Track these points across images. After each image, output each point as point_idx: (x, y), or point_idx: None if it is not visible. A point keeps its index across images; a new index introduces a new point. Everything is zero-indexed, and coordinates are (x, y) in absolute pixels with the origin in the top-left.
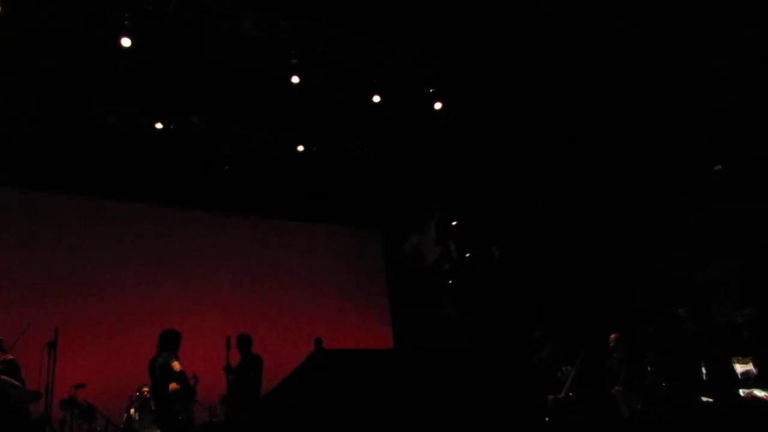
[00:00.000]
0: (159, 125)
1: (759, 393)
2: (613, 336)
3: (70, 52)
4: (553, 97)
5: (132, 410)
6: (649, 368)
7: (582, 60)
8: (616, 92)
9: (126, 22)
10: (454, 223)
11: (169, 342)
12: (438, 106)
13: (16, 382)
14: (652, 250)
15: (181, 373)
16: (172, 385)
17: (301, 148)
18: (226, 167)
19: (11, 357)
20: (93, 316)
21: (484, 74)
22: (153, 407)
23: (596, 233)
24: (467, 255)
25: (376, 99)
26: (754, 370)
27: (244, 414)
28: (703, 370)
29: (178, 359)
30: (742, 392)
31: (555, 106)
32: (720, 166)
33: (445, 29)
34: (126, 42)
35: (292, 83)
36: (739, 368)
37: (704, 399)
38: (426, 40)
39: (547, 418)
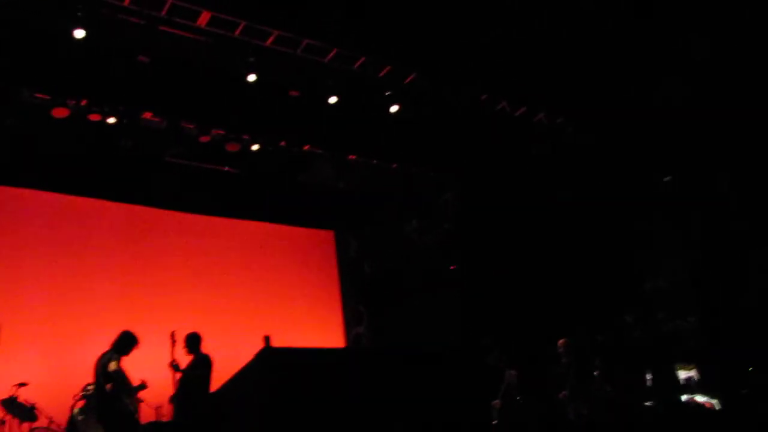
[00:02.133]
0: (112, 120)
1: (700, 398)
2: (561, 342)
3: (22, 42)
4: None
5: (76, 410)
6: (595, 374)
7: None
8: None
9: (79, 14)
10: None
11: (120, 344)
12: (394, 108)
13: None
14: (602, 258)
15: (116, 372)
16: (108, 386)
17: (256, 147)
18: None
19: None
20: (37, 312)
21: (440, 78)
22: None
23: (546, 241)
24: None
25: (333, 100)
26: (696, 377)
27: (191, 413)
28: (648, 377)
29: (117, 360)
30: (684, 398)
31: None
32: (669, 177)
33: (405, 32)
34: (79, 33)
35: (248, 82)
36: (683, 374)
37: (647, 404)
38: (382, 42)
39: (494, 422)
